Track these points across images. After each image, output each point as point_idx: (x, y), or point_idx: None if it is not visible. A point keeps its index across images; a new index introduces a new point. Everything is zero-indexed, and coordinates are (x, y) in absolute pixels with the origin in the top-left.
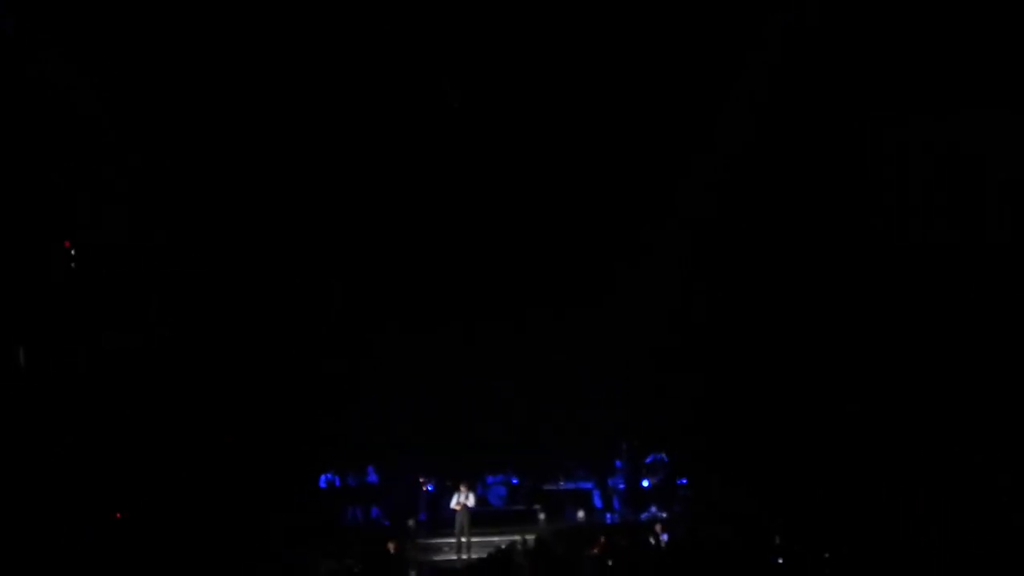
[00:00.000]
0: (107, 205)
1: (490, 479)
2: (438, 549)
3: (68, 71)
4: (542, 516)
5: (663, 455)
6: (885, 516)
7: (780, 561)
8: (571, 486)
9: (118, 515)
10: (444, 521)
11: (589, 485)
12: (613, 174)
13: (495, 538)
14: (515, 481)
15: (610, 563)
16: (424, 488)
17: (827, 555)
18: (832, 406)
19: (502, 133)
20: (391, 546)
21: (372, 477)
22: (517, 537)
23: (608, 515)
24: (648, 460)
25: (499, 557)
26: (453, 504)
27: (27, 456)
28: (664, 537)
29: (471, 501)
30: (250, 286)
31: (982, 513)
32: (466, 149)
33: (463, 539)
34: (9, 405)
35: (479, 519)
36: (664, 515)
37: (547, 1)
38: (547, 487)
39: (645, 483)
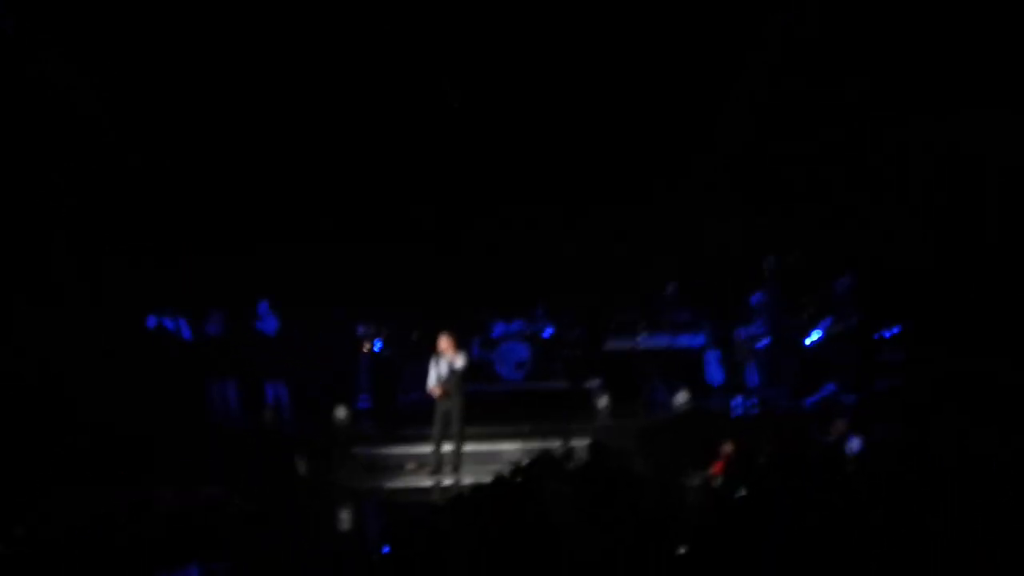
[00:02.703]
0: None
1: (500, 329)
2: (395, 467)
3: (68, 71)
4: (603, 400)
5: (849, 279)
6: None
7: None
8: (661, 342)
9: None
10: (407, 412)
11: (698, 340)
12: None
13: (507, 446)
14: (548, 334)
15: (745, 497)
16: (367, 347)
17: None
18: None
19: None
20: (301, 464)
21: (267, 322)
22: (553, 443)
23: (739, 400)
24: (821, 294)
25: (514, 486)
26: (430, 382)
27: None
28: (853, 444)
29: (459, 364)
30: None
31: None
32: None
33: (446, 448)
34: None
35: (478, 408)
36: (852, 400)
37: None
38: (613, 344)
39: (815, 336)
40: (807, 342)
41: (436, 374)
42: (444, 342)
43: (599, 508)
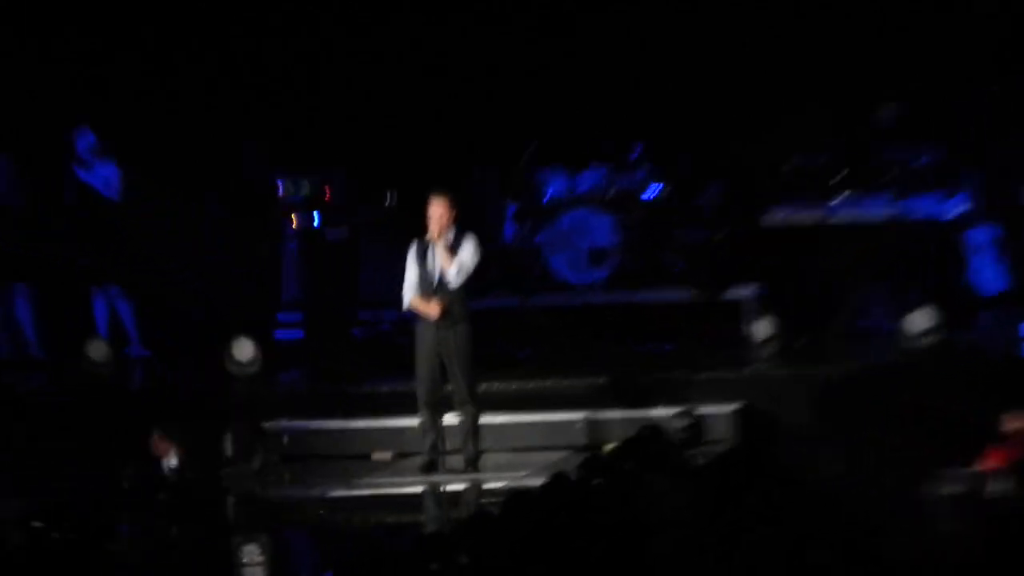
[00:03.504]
0: None
1: (556, 187)
2: (350, 458)
3: None
4: (761, 327)
5: None
6: None
7: None
8: (876, 211)
9: None
10: (371, 350)
11: (950, 208)
12: None
13: (570, 415)
14: (652, 195)
15: None
16: (294, 221)
17: None
18: None
19: None
20: (167, 453)
21: (96, 170)
22: (661, 411)
23: None
24: None
25: (587, 495)
26: (408, 292)
27: None
28: None
29: (465, 256)
30: None
31: None
32: None
33: (446, 419)
34: None
35: (509, 343)
36: None
37: None
38: (781, 217)
39: None
40: None
41: (420, 275)
42: (438, 212)
43: (749, 535)
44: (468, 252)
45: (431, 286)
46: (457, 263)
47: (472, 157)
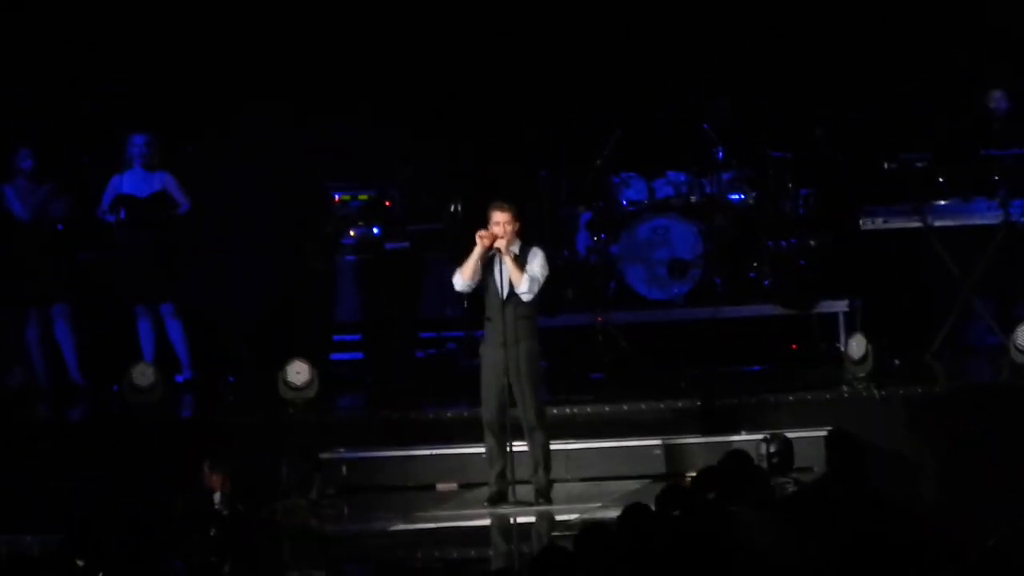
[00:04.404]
0: None
1: (634, 193)
2: (411, 490)
3: None
4: (856, 344)
5: None
6: None
7: None
8: (980, 212)
9: None
10: (437, 372)
11: None
12: None
13: (648, 441)
14: (737, 200)
15: None
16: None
17: None
18: None
19: None
20: (215, 481)
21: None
22: (747, 436)
23: None
24: None
25: (666, 526)
26: (461, 280)
27: None
28: None
29: (536, 269)
30: None
31: None
32: None
33: (514, 445)
34: None
35: (582, 362)
36: None
37: None
38: (877, 221)
39: None
40: None
41: (486, 289)
42: (501, 221)
43: (842, 571)
44: (538, 264)
45: (499, 302)
46: (527, 276)
47: (540, 161)
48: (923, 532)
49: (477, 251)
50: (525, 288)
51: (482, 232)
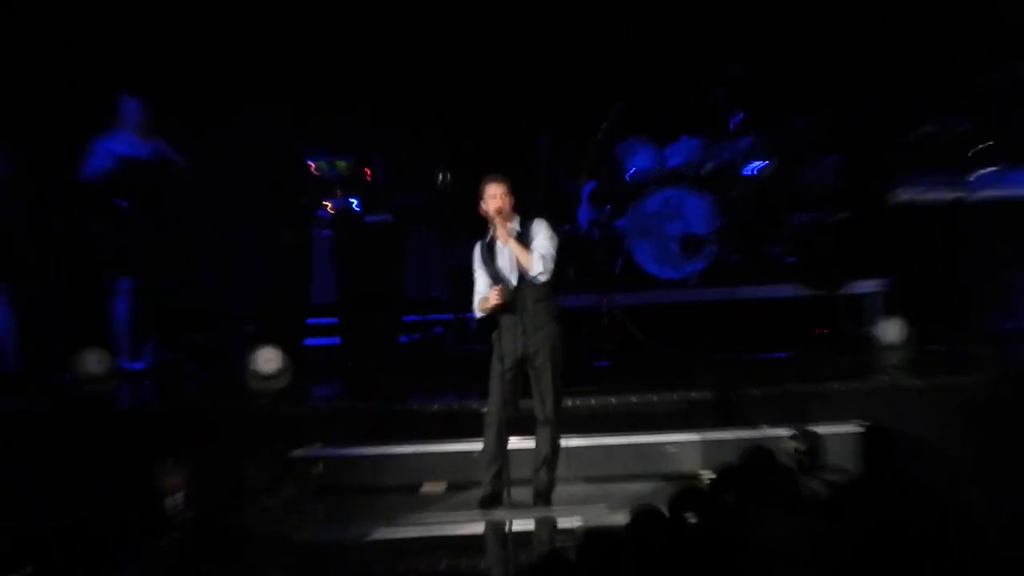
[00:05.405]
0: None
1: (642, 161)
2: (394, 491)
3: None
4: (891, 328)
5: None
6: None
7: None
8: None
9: None
10: (424, 362)
11: None
12: None
13: (663, 437)
14: (754, 170)
15: None
16: (326, 209)
17: None
18: None
19: None
20: (173, 482)
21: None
22: (771, 431)
23: None
24: None
25: (681, 533)
26: (479, 300)
27: None
28: None
29: (543, 243)
30: None
31: None
32: None
33: (517, 441)
34: None
35: (586, 351)
36: None
37: None
38: (913, 194)
39: None
40: None
41: (493, 278)
42: (497, 194)
43: None
44: (544, 237)
45: (509, 288)
46: (537, 256)
47: (538, 126)
48: (972, 541)
49: (490, 305)
50: (539, 268)
51: (496, 292)
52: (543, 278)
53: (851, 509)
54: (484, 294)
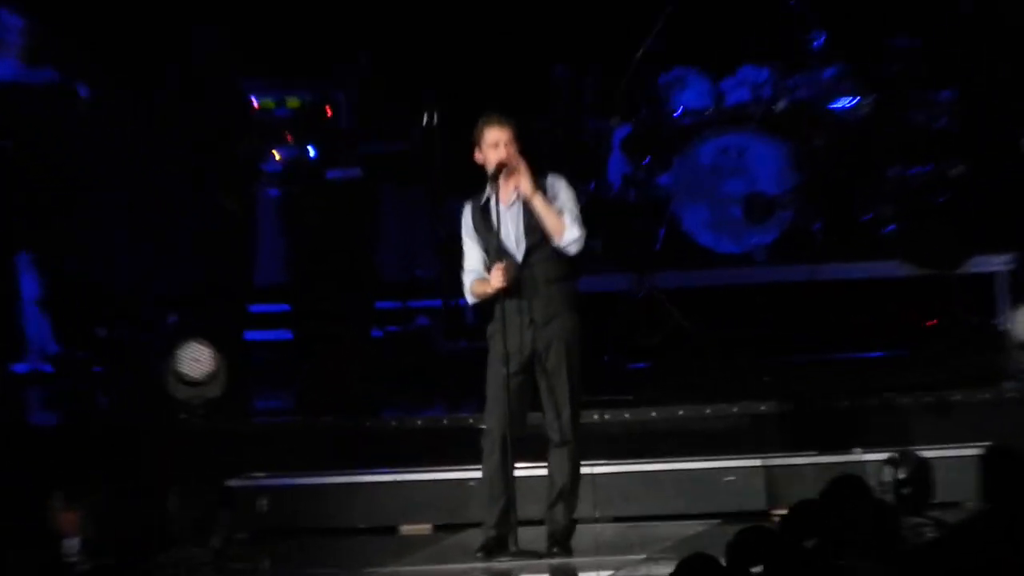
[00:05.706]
0: None
1: (691, 98)
2: (371, 530)
3: None
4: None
5: None
6: None
7: None
8: None
9: None
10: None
11: None
12: None
13: (719, 463)
14: (848, 104)
15: None
16: (273, 158)
17: None
18: None
19: None
20: (69, 522)
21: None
22: (864, 454)
23: None
24: None
25: None
26: (469, 280)
27: None
28: None
29: (570, 205)
30: None
31: None
32: None
33: (524, 468)
34: None
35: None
36: None
37: None
38: None
39: None
40: None
41: (489, 249)
42: (500, 142)
43: None
44: (567, 196)
45: (515, 265)
46: (569, 220)
47: (553, 50)
48: None
49: (490, 289)
50: (576, 234)
51: (499, 271)
52: (575, 248)
53: (968, 557)
54: (478, 272)
